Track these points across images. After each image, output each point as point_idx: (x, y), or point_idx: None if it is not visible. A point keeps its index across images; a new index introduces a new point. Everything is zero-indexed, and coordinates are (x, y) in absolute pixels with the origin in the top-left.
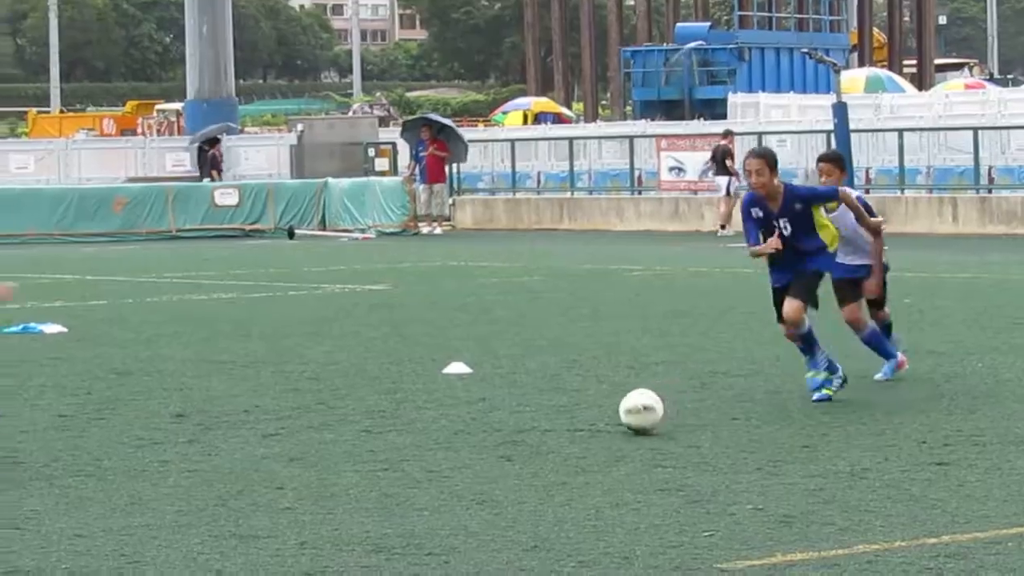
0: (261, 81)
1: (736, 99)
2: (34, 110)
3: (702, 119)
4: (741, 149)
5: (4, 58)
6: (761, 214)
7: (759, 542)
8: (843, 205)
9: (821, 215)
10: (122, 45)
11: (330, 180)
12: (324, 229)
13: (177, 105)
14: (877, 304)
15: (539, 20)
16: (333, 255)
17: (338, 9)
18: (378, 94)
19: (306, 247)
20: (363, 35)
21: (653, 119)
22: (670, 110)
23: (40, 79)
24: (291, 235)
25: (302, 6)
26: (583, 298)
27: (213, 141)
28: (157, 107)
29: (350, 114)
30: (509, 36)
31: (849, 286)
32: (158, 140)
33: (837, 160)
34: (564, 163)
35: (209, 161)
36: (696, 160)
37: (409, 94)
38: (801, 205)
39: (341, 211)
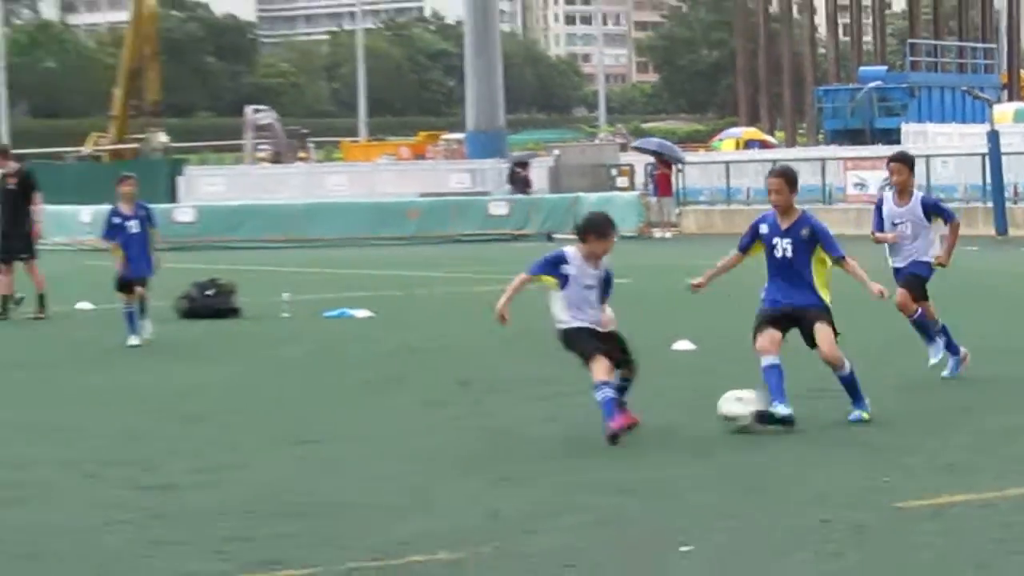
0: (525, 115)
1: (908, 128)
2: (346, 140)
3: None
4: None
5: (322, 99)
6: (767, 230)
7: (928, 486)
8: (911, 205)
9: (825, 274)
10: (415, 88)
11: (581, 194)
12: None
13: (459, 135)
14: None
15: (749, 65)
16: None
17: (587, 57)
18: (619, 125)
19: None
20: (607, 78)
21: (841, 144)
22: (854, 137)
23: (350, 115)
24: (550, 238)
25: (558, 56)
26: None
27: (523, 164)
28: (442, 137)
29: (596, 141)
30: (725, 79)
31: (916, 282)
32: (444, 163)
33: (906, 160)
34: None
35: (521, 180)
36: (876, 177)
37: (643, 125)
38: (808, 233)
39: None
